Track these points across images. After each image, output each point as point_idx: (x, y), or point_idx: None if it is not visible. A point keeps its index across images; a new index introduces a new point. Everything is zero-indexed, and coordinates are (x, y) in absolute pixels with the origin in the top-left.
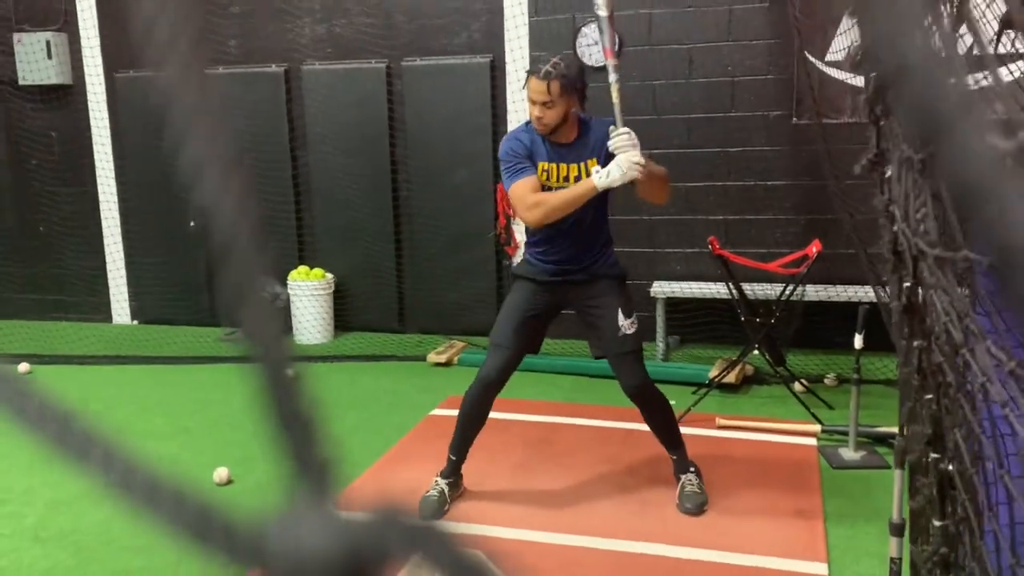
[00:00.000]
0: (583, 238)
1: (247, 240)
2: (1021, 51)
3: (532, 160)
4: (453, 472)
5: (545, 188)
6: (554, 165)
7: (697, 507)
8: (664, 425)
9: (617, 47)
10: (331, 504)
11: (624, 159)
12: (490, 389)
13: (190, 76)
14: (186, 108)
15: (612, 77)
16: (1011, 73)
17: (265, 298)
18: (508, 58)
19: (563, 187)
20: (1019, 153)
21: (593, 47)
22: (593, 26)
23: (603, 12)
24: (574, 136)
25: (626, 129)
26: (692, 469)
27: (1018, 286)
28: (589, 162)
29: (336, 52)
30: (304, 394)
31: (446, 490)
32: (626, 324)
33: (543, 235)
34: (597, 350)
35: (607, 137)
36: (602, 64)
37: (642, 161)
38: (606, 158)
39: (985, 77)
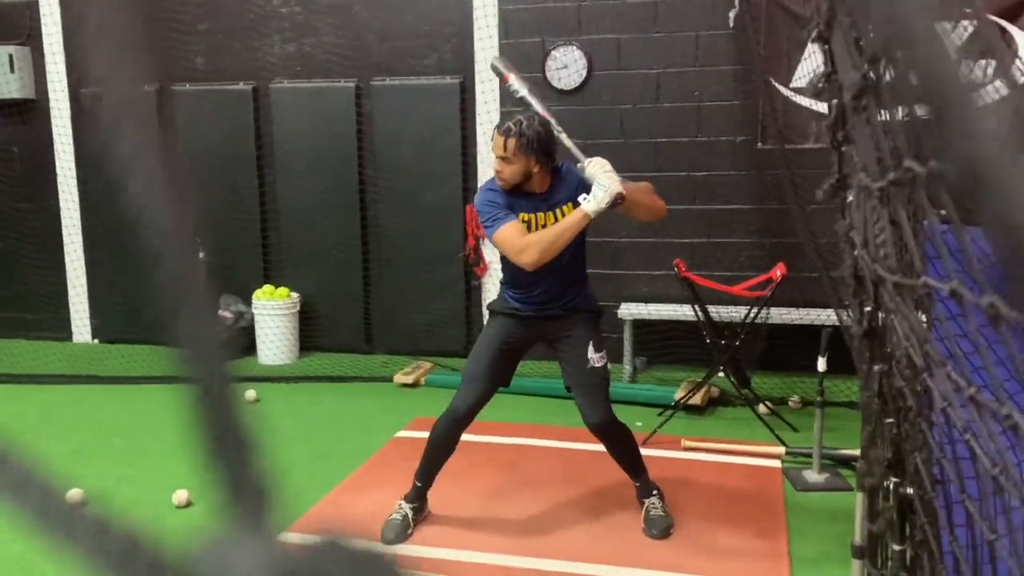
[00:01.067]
0: (561, 277)
1: (182, 246)
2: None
3: (512, 209)
4: (418, 497)
5: None
6: (532, 216)
7: (662, 531)
8: (627, 455)
9: (543, 108)
10: (268, 532)
11: (603, 176)
12: (461, 422)
13: (122, 76)
14: (117, 108)
15: (556, 130)
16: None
17: (201, 309)
18: (478, 79)
19: None
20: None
21: (562, 71)
22: (563, 49)
23: (522, 92)
24: (547, 186)
25: (595, 159)
26: (655, 492)
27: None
28: (566, 207)
29: (305, 71)
30: (240, 413)
31: (409, 514)
32: (595, 357)
33: (523, 278)
34: (565, 379)
35: (578, 177)
36: (571, 88)
37: (617, 179)
38: (582, 191)
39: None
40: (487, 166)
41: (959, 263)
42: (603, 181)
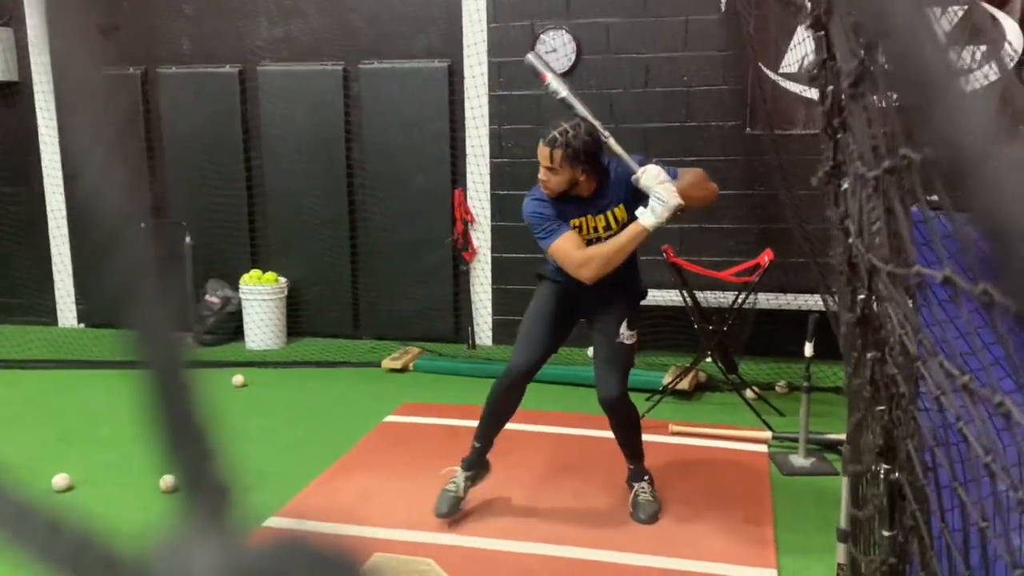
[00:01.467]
0: (605, 277)
1: (135, 227)
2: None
3: (561, 216)
4: (476, 462)
5: None
6: (582, 220)
7: (650, 516)
8: (630, 437)
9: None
10: (228, 528)
11: (659, 190)
12: (520, 380)
13: (78, 52)
14: (73, 86)
15: (605, 136)
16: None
17: (156, 293)
18: (466, 63)
19: (593, 239)
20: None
21: (551, 55)
22: (552, 33)
23: (563, 93)
24: (594, 187)
25: (648, 167)
26: (647, 478)
27: (1009, 255)
28: (616, 209)
29: (292, 53)
30: (199, 403)
31: (462, 485)
32: (626, 334)
33: (564, 274)
34: (593, 351)
35: (627, 176)
36: (560, 72)
37: (674, 188)
38: (631, 191)
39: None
40: (476, 150)
41: (951, 250)
42: (661, 195)
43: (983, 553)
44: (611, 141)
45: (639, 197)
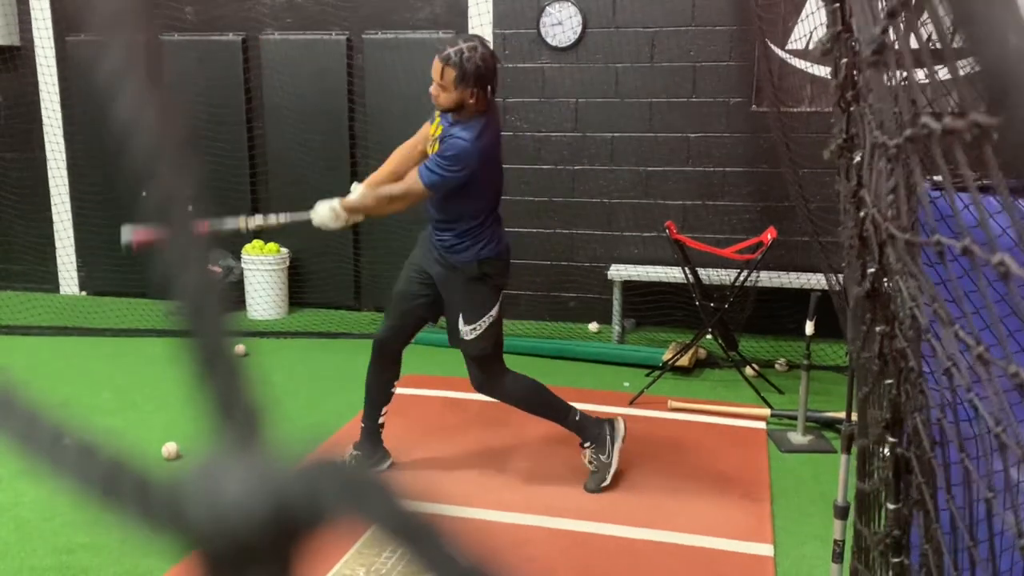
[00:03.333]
0: (435, 225)
1: (172, 156)
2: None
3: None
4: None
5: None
6: (435, 125)
7: (595, 486)
8: (537, 410)
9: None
10: (259, 451)
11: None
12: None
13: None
14: (107, 19)
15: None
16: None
17: (189, 213)
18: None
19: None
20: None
21: (556, 27)
22: (558, 5)
23: None
24: (470, 116)
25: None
26: (586, 445)
27: None
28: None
29: (296, 22)
30: (230, 333)
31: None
32: (466, 330)
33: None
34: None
35: (448, 135)
36: (565, 45)
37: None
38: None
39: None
40: None
41: (969, 222)
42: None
43: (989, 526)
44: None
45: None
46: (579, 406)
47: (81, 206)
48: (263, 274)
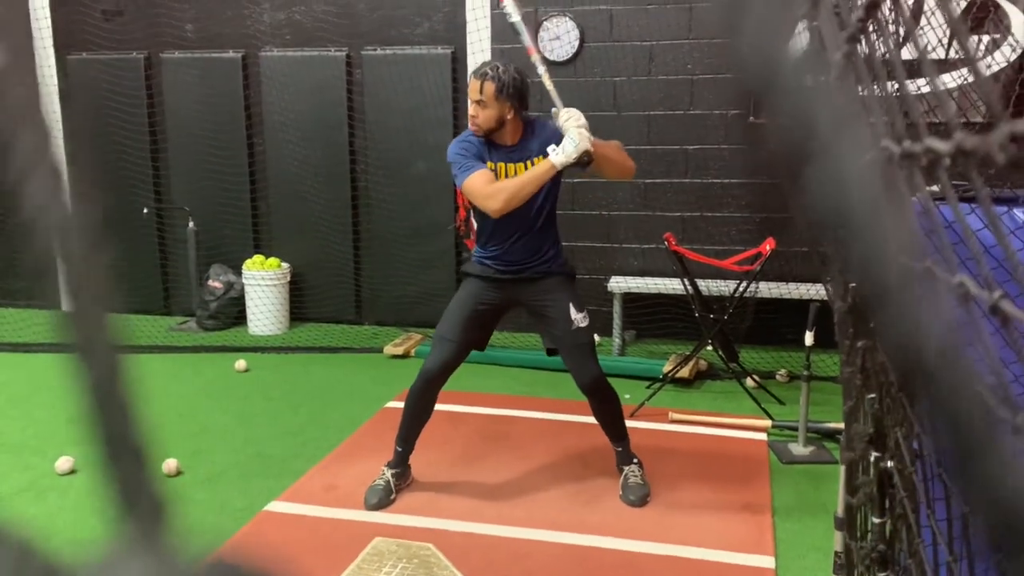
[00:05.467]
0: (534, 241)
1: (80, 242)
2: (960, 57)
3: (482, 159)
4: (400, 463)
5: None
6: (502, 165)
7: (640, 499)
8: (612, 418)
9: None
10: (162, 547)
11: (574, 131)
12: (432, 383)
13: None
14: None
15: (540, 69)
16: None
17: (98, 281)
18: (469, 50)
19: None
20: (956, 154)
21: (555, 42)
22: (556, 20)
23: (515, 17)
24: (518, 137)
25: (571, 109)
26: (635, 461)
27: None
28: (536, 159)
29: (295, 39)
30: (136, 410)
31: (391, 480)
32: (579, 317)
33: (496, 241)
34: (550, 343)
35: (554, 134)
36: (563, 59)
37: (590, 135)
38: (552, 144)
39: (927, 83)
40: None
41: (937, 244)
42: (574, 135)
43: (966, 542)
44: (546, 76)
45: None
46: (580, 419)
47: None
48: (264, 289)
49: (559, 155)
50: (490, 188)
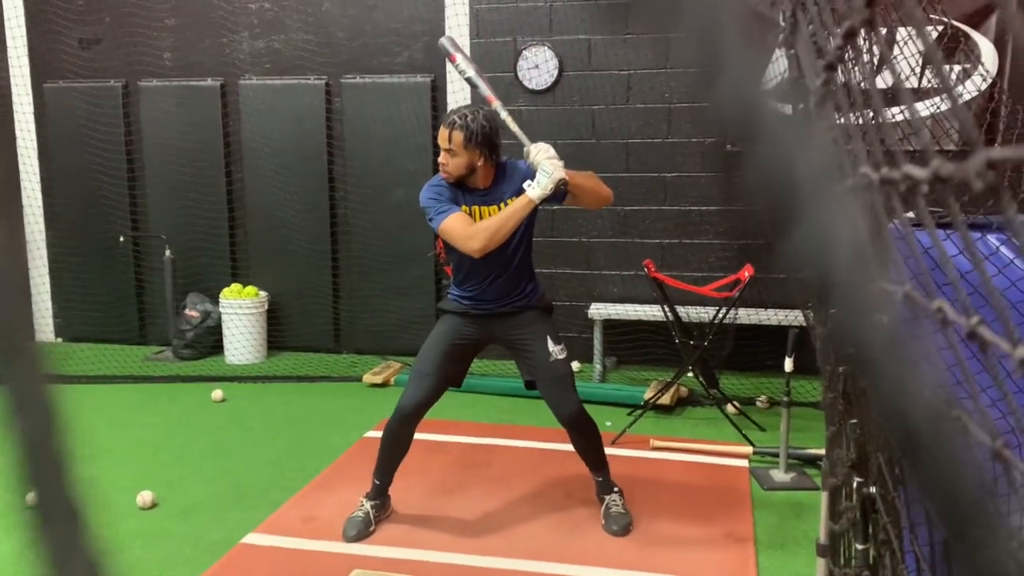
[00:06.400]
0: (510, 280)
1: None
2: (937, 86)
3: (456, 203)
4: (379, 495)
5: None
6: (476, 208)
7: (622, 528)
8: (591, 448)
9: (491, 91)
10: (80, 565)
11: (546, 163)
12: (409, 419)
13: None
14: None
15: (503, 114)
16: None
17: (35, 356)
18: (448, 78)
19: None
20: (934, 180)
21: (533, 71)
22: (534, 49)
23: (469, 72)
24: (491, 181)
25: (539, 143)
26: (616, 490)
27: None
28: (509, 200)
29: (274, 67)
30: (71, 466)
31: (371, 511)
32: (556, 350)
33: (473, 282)
34: (528, 375)
35: (527, 173)
36: (542, 88)
37: (560, 164)
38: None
39: (901, 111)
40: None
41: (914, 269)
42: (547, 167)
43: (949, 569)
44: (508, 118)
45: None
46: (561, 447)
47: (57, 253)
48: (241, 318)
49: (535, 188)
50: (470, 229)
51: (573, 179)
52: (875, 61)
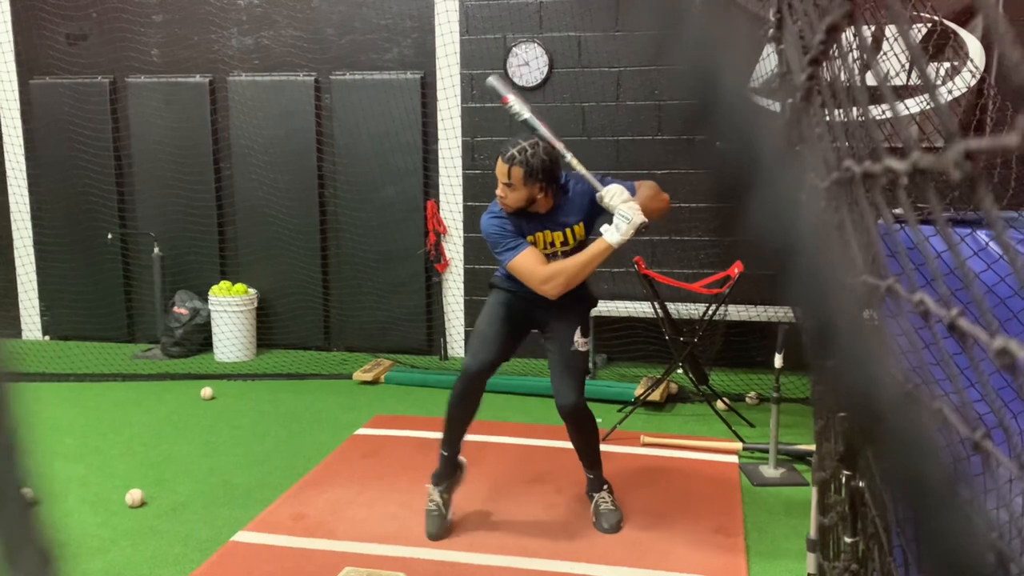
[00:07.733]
0: None
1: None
2: (919, 84)
3: (520, 232)
4: (446, 471)
5: None
6: (539, 234)
7: (613, 525)
8: (588, 445)
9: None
10: None
11: (623, 208)
12: (476, 378)
13: None
14: None
15: (568, 157)
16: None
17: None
18: (439, 75)
19: (550, 254)
20: (913, 172)
21: (523, 67)
22: (524, 46)
23: (526, 114)
24: (552, 205)
25: (611, 186)
26: (606, 487)
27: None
28: (576, 227)
29: (263, 64)
30: (23, 453)
31: (441, 502)
32: (580, 342)
33: (518, 281)
34: (548, 355)
35: (587, 194)
36: (532, 85)
37: (637, 206)
38: (591, 209)
39: (883, 112)
40: (448, 162)
41: (895, 267)
42: (626, 213)
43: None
44: (574, 161)
45: (597, 213)
46: (553, 443)
47: (44, 250)
48: (230, 315)
49: (614, 234)
50: (545, 272)
51: (646, 209)
52: (861, 57)
